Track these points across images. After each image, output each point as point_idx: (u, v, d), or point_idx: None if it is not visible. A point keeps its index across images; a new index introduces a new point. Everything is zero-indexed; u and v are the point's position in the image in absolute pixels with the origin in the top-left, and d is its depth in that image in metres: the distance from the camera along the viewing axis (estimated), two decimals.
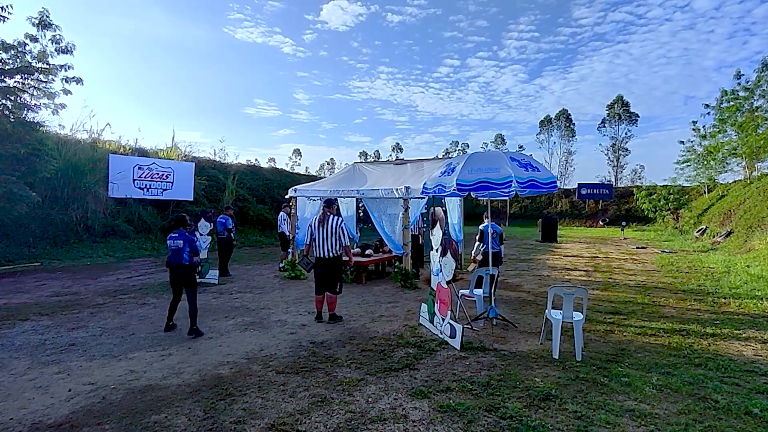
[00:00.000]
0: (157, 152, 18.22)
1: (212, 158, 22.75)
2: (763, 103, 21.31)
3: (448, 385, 3.92)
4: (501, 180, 5.04)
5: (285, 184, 25.37)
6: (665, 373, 4.23)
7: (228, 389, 3.80)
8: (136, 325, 5.92)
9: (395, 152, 61.61)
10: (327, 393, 3.72)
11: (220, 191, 19.57)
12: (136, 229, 15.09)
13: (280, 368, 4.30)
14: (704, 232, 22.57)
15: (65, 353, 4.75)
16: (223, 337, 5.40)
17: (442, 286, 5.39)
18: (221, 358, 4.61)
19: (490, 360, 4.60)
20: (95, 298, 7.63)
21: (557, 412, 3.42)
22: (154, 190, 15.94)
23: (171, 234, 5.62)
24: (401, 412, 3.39)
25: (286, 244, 10.91)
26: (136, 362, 4.49)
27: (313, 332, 5.61)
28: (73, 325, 5.89)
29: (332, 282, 6.03)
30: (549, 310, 4.86)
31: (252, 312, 6.70)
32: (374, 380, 4.02)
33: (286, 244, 10.91)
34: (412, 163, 12.11)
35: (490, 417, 3.31)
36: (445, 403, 3.53)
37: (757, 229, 15.75)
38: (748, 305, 7.18)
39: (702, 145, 27.42)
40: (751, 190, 21.30)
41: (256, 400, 3.59)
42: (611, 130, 50.11)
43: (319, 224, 5.98)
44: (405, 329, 5.75)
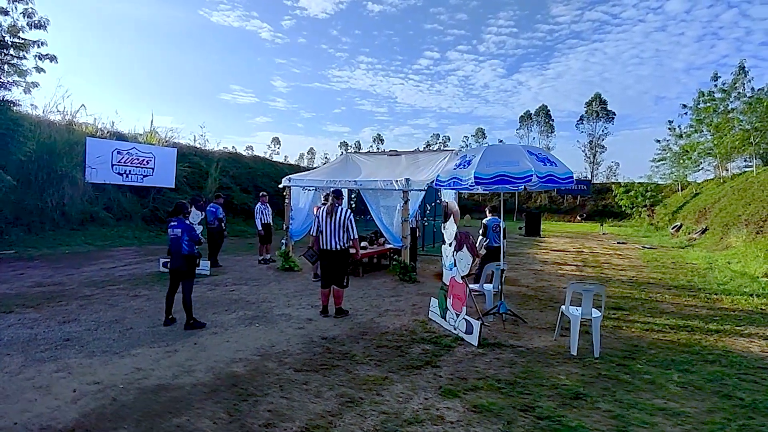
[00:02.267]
0: (136, 137, 17.47)
1: (192, 144, 22.04)
2: (739, 105, 22.05)
3: (474, 383, 3.83)
4: (521, 174, 4.95)
5: (268, 172, 24.91)
6: (684, 371, 4.25)
7: (248, 389, 3.60)
8: (133, 318, 5.61)
9: (376, 143, 61.31)
10: (353, 392, 3.57)
11: (203, 179, 18.97)
12: (116, 217, 14.47)
13: (297, 366, 4.12)
14: (679, 229, 23.30)
15: (61, 349, 4.44)
16: (228, 332, 5.16)
17: (456, 281, 5.29)
18: (232, 355, 4.39)
19: (509, 357, 4.53)
20: (82, 289, 7.22)
21: (591, 411, 3.37)
22: (133, 176, 15.31)
23: (170, 222, 5.32)
24: (435, 412, 3.27)
25: (265, 238, 10.59)
26: (140, 359, 4.22)
27: (321, 327, 5.44)
28: (63, 318, 5.53)
29: (339, 275, 5.85)
30: (567, 306, 4.82)
31: (252, 305, 6.46)
32: (399, 378, 3.89)
33: (265, 238, 10.59)
34: (407, 154, 11.97)
35: (526, 417, 3.23)
36: (478, 402, 3.43)
37: (732, 226, 16.28)
38: (740, 301, 7.37)
39: (678, 144, 28.26)
40: (725, 189, 22.07)
41: (280, 400, 3.40)
42: (589, 126, 51.16)
43: (328, 215, 5.78)
44: (415, 324, 5.63)
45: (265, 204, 10.71)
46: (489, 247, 7.48)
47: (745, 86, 22.50)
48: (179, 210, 5.34)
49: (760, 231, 13.81)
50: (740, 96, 22.35)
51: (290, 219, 9.94)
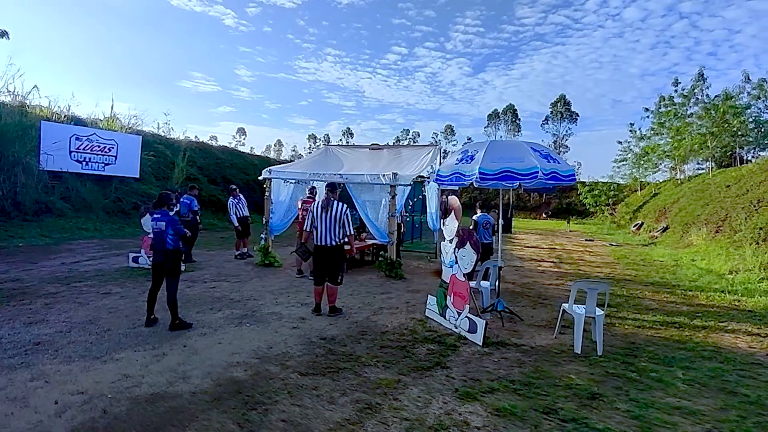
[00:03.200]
0: (96, 122, 16.36)
1: (156, 132, 20.94)
2: (698, 110, 23.21)
3: (489, 385, 3.71)
4: (526, 170, 4.87)
5: (237, 164, 24.12)
6: (685, 367, 4.31)
7: (254, 396, 3.32)
8: (108, 318, 5.16)
9: (345, 137, 60.66)
10: (368, 397, 3.37)
11: (169, 169, 18.06)
12: (75, 207, 13.50)
13: (301, 369, 3.87)
14: (641, 227, 24.35)
15: (32, 354, 3.98)
16: (218, 333, 4.83)
17: (457, 279, 5.17)
18: (227, 358, 4.08)
19: (515, 356, 4.46)
20: (44, 286, 6.61)
21: (612, 412, 3.32)
22: (94, 164, 14.36)
23: (153, 214, 4.90)
24: (458, 417, 3.13)
25: (242, 232, 10.17)
26: (126, 364, 3.84)
27: (317, 326, 5.19)
28: (29, 318, 5.01)
29: (334, 272, 5.61)
30: (571, 305, 4.79)
31: (238, 303, 6.11)
32: (411, 381, 3.72)
33: (242, 232, 10.17)
34: (389, 149, 11.81)
35: (551, 420, 3.14)
36: (499, 405, 3.32)
37: (692, 225, 17.11)
38: (715, 298, 7.67)
39: (639, 146, 29.51)
40: (684, 190, 23.24)
41: (292, 408, 3.16)
42: (553, 126, 52.68)
43: (323, 210, 5.52)
44: (413, 323, 5.48)
45: (237, 197, 10.25)
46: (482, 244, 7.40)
47: (703, 92, 23.74)
48: (164, 201, 4.93)
49: (719, 230, 14.55)
50: (698, 102, 23.55)
51: (270, 213, 9.53)
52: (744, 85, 22.09)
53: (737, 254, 11.50)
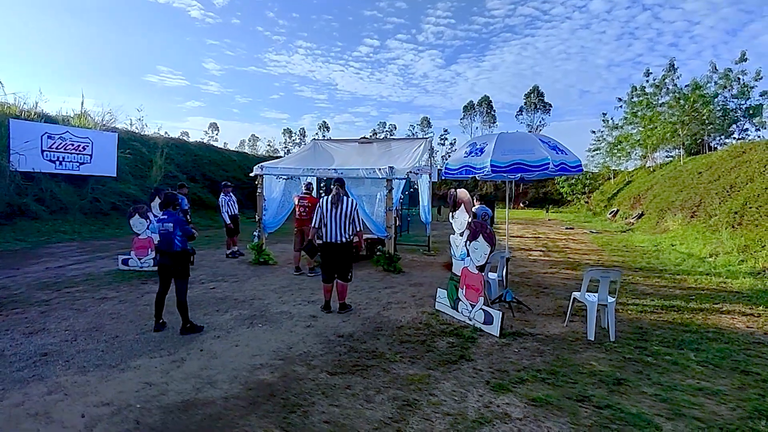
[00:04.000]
0: (67, 120, 15.62)
1: (130, 129, 20.20)
2: (669, 99, 24.00)
3: (517, 375, 3.76)
4: (537, 162, 4.92)
5: (215, 160, 23.57)
6: (695, 349, 4.47)
7: (289, 398, 3.26)
8: (112, 325, 4.96)
9: (321, 131, 60.07)
10: (404, 394, 3.36)
11: (146, 167, 17.47)
12: (50, 209, 12.89)
13: (329, 369, 3.82)
14: (616, 214, 25.11)
15: (42, 366, 3.79)
16: (231, 334, 4.71)
17: (470, 272, 5.19)
18: (249, 361, 3.99)
19: (533, 345, 4.52)
20: (34, 293, 6.30)
21: (640, 396, 3.42)
22: (68, 164, 13.75)
23: (160, 215, 4.73)
24: (497, 410, 3.15)
25: (234, 230, 9.97)
26: (145, 372, 3.71)
27: (331, 324, 5.13)
28: (28, 328, 4.76)
29: (345, 269, 5.55)
30: (583, 293, 4.89)
31: (244, 303, 5.98)
32: (441, 376, 3.72)
33: (234, 230, 9.97)
34: (379, 142, 11.74)
35: (586, 408, 3.20)
36: (533, 396, 3.36)
37: (667, 211, 17.76)
38: (702, 281, 7.99)
39: (612, 135, 30.33)
40: (656, 177, 24.06)
41: (331, 409, 3.11)
42: (527, 117, 53.56)
43: (333, 206, 5.44)
44: (426, 316, 5.49)
45: (229, 195, 10.02)
46: None
47: (675, 82, 24.56)
48: (170, 201, 4.75)
49: (694, 215, 15.14)
50: (669, 92, 24.36)
51: (263, 210, 9.34)
52: (712, 75, 22.99)
53: (714, 238, 11.99)
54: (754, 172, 13.74)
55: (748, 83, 22.50)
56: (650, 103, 25.21)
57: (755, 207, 11.72)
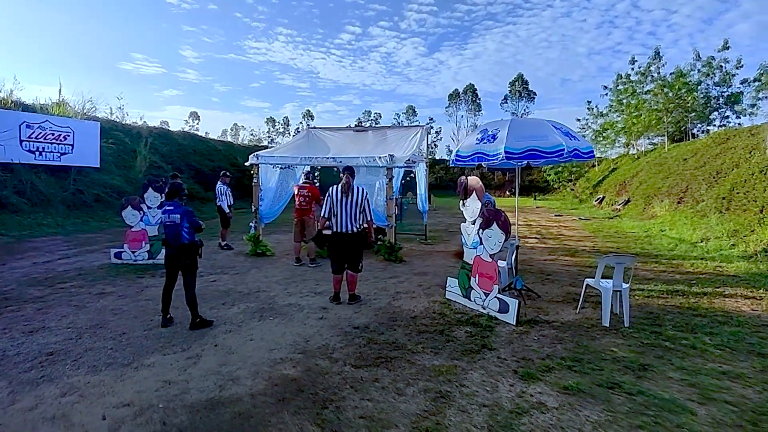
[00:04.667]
0: (45, 108, 14.98)
1: (111, 118, 19.52)
2: (654, 87, 24.32)
3: (542, 363, 3.73)
4: (551, 148, 4.87)
5: (200, 150, 23.04)
6: (709, 333, 4.52)
7: (317, 393, 3.16)
8: (116, 321, 4.76)
9: (306, 120, 59.20)
10: (435, 386, 3.29)
11: (130, 157, 16.93)
12: (31, 202, 12.38)
13: (351, 361, 3.73)
14: (602, 201, 25.49)
15: (50, 366, 3.60)
16: (243, 328, 4.57)
17: (483, 260, 5.14)
18: (268, 355, 3.87)
19: (551, 333, 4.51)
20: (26, 289, 6.02)
21: (667, 381, 3.42)
22: (49, 154, 13.20)
23: (165, 206, 4.53)
24: (531, 399, 3.11)
25: (227, 221, 9.73)
26: (161, 370, 3.55)
27: (343, 315, 5.03)
28: (27, 326, 4.53)
29: (355, 260, 5.44)
30: (598, 279, 4.89)
31: (249, 296, 5.83)
32: (467, 366, 3.67)
33: (227, 221, 9.73)
34: (374, 130, 11.56)
35: (619, 395, 3.19)
36: (564, 384, 3.33)
37: (654, 197, 18.06)
38: (699, 265, 8.13)
39: (597, 123, 30.68)
40: (641, 164, 24.44)
41: (364, 403, 3.03)
42: (512, 105, 53.76)
43: (344, 195, 5.30)
44: (438, 306, 5.44)
45: (226, 184, 9.76)
46: None
47: (660, 71, 24.88)
48: (176, 192, 4.56)
49: (681, 201, 15.43)
50: (654, 80, 24.68)
51: (259, 200, 9.12)
52: (695, 63, 23.35)
53: (702, 223, 12.24)
54: (739, 159, 14.03)
55: (729, 71, 22.94)
56: (635, 91, 25.50)
57: (742, 192, 11.97)
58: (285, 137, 55.25)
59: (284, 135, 55.90)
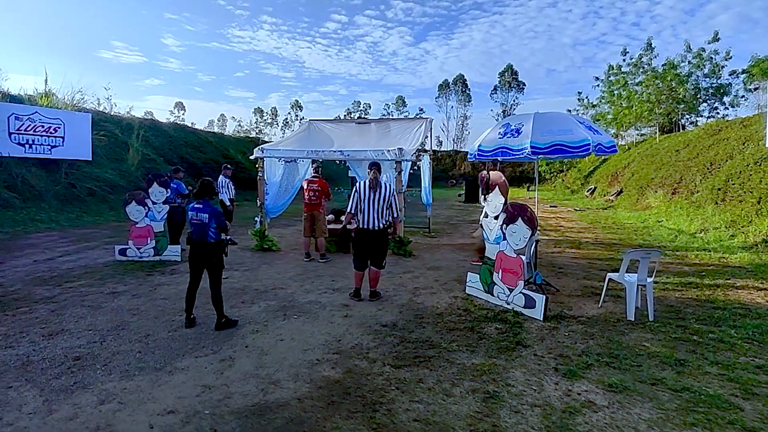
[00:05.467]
0: (34, 99, 14.47)
1: (99, 109, 18.98)
2: (645, 78, 24.53)
3: (580, 360, 3.73)
4: (577, 143, 4.86)
5: (192, 142, 22.61)
6: (733, 326, 4.57)
7: (365, 396, 3.11)
8: (137, 322, 4.64)
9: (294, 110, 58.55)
10: (480, 385, 3.27)
11: (121, 149, 16.50)
12: (22, 197, 12.00)
13: (390, 361, 3.69)
14: (594, 192, 25.78)
15: (80, 371, 3.48)
16: (269, 328, 4.49)
17: (507, 255, 5.12)
18: (302, 356, 3.80)
19: (580, 328, 4.52)
20: (33, 288, 5.83)
21: (707, 377, 3.45)
22: (39, 147, 12.77)
23: (194, 204, 4.40)
24: (580, 398, 3.11)
25: (229, 214, 9.56)
26: (197, 374, 3.46)
27: (368, 313, 4.98)
28: (44, 329, 4.38)
29: (380, 256, 5.38)
30: (622, 273, 4.91)
31: (267, 294, 5.74)
32: (507, 364, 3.65)
33: (229, 214, 9.56)
34: (377, 123, 11.44)
35: (664, 392, 3.20)
36: (608, 381, 3.34)
37: (647, 188, 18.30)
38: (703, 257, 8.26)
39: (588, 114, 30.88)
40: (633, 155, 24.72)
41: (414, 405, 2.99)
42: (502, 96, 53.87)
43: (371, 191, 5.21)
44: (460, 301, 5.42)
45: (228, 177, 9.57)
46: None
47: (652, 62, 25.09)
48: (207, 190, 4.42)
49: (675, 192, 15.65)
50: (645, 71, 24.89)
51: (265, 194, 8.97)
52: (686, 54, 23.60)
53: (698, 214, 12.43)
54: (733, 150, 14.23)
55: (719, 63, 23.24)
56: (626, 82, 25.70)
57: (738, 183, 12.16)
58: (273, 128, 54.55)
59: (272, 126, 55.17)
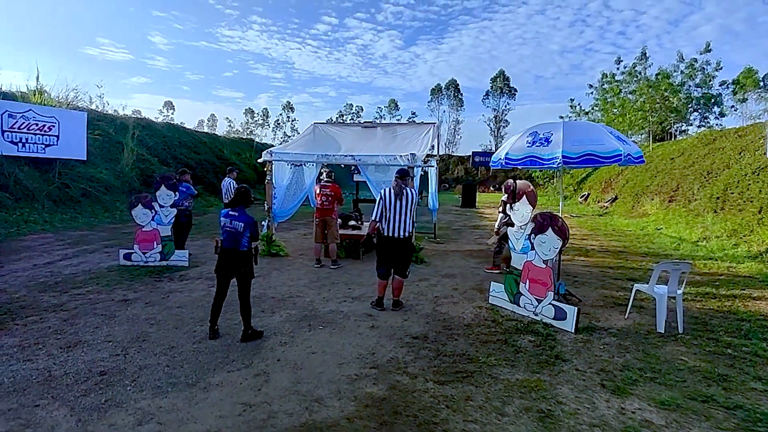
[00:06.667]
0: (26, 97, 14.03)
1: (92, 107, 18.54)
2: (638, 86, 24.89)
3: (625, 375, 3.66)
4: (608, 153, 4.82)
5: (186, 142, 22.24)
6: (764, 339, 4.55)
7: (416, 415, 2.99)
8: (157, 333, 4.44)
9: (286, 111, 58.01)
10: (531, 403, 3.17)
11: (117, 150, 16.11)
12: (15, 197, 11.61)
13: (430, 377, 3.57)
14: (587, 198, 26.04)
15: (108, 388, 3.29)
16: (296, 339, 4.34)
17: (535, 266, 5.05)
18: (338, 370, 3.67)
19: (613, 341, 4.46)
20: (38, 295, 5.58)
21: (753, 393, 3.41)
22: (32, 146, 12.37)
23: (229, 211, 4.24)
24: (635, 416, 3.03)
25: None
26: (233, 390, 3.30)
27: (393, 324, 4.86)
28: (60, 340, 4.16)
29: (404, 265, 5.27)
30: (652, 285, 4.87)
31: (285, 302, 5.58)
32: (552, 380, 3.56)
33: None
34: (383, 127, 11.34)
35: (717, 409, 3.15)
36: (658, 399, 3.27)
37: (643, 195, 18.51)
38: (711, 266, 8.32)
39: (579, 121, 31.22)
40: None
41: (470, 426, 2.88)
42: (494, 101, 54.21)
43: (396, 198, 5.10)
44: (485, 312, 5.33)
45: (234, 179, 9.39)
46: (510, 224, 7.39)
47: (646, 71, 25.48)
48: (245, 198, 4.27)
49: (672, 200, 15.84)
50: (639, 80, 25.27)
51: (273, 198, 8.79)
52: (678, 64, 24.02)
53: (698, 222, 12.58)
54: (729, 159, 14.44)
55: (710, 73, 23.71)
56: (620, 90, 26.07)
57: (737, 193, 12.33)
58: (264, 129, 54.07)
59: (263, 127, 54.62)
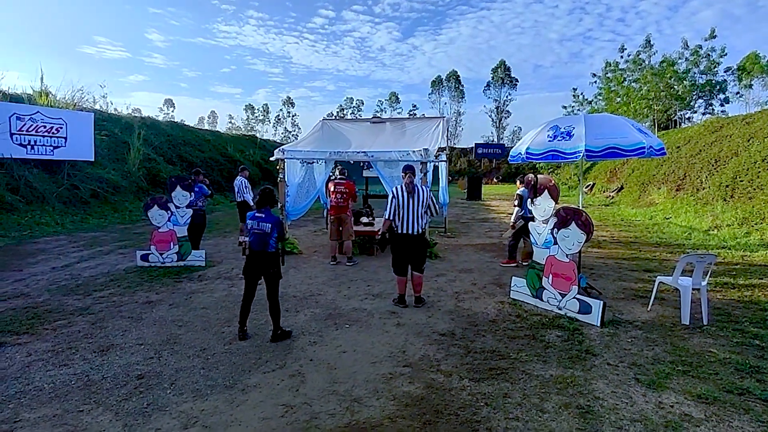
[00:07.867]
0: (33, 99, 14.00)
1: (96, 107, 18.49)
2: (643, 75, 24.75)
3: (657, 369, 3.68)
4: (632, 146, 4.81)
5: (191, 141, 22.20)
6: None
7: (458, 414, 3.01)
8: (186, 335, 4.47)
9: (286, 106, 57.96)
10: (569, 399, 3.19)
11: (123, 150, 16.10)
12: (26, 200, 11.62)
13: (467, 375, 3.59)
14: (592, 188, 25.99)
15: (148, 392, 3.32)
16: (325, 339, 4.37)
17: (558, 260, 5.06)
18: (372, 369, 3.69)
19: (639, 334, 4.48)
20: (62, 299, 5.61)
21: None
22: (41, 148, 12.39)
23: (255, 213, 4.25)
24: (674, 410, 3.05)
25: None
26: (271, 391, 3.33)
27: (419, 321, 4.88)
28: (92, 344, 4.20)
29: (420, 261, 5.29)
30: (676, 277, 4.88)
31: (307, 301, 5.61)
32: (586, 375, 3.58)
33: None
34: (392, 122, 11.31)
35: (755, 402, 3.16)
36: (694, 392, 3.29)
37: (649, 185, 18.45)
38: (725, 255, 8.30)
39: (583, 110, 31.07)
40: None
41: (513, 424, 2.90)
42: (495, 92, 53.99)
43: (409, 195, 5.10)
44: (508, 307, 5.35)
45: (246, 177, 9.41)
46: (525, 218, 7.42)
47: (650, 58, 25.33)
48: (269, 199, 4.28)
49: (680, 188, 15.81)
50: (643, 68, 25.12)
51: (285, 197, 8.79)
52: (683, 52, 23.86)
53: (707, 211, 12.56)
54: (738, 147, 14.37)
55: (715, 59, 23.53)
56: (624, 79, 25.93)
57: (747, 181, 12.28)
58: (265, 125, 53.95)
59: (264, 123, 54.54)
